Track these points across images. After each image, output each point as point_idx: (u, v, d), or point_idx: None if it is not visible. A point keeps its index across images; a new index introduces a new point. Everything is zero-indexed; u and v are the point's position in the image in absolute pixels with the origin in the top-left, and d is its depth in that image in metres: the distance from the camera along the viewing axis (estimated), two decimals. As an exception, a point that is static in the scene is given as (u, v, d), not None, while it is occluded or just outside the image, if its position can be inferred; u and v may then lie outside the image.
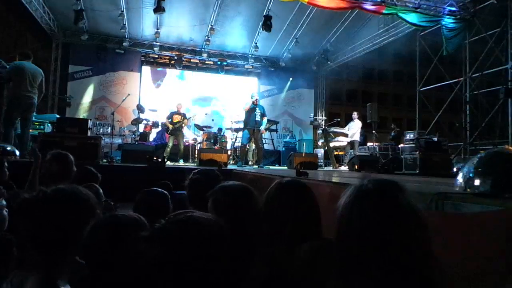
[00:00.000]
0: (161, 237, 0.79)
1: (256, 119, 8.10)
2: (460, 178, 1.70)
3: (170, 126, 9.06)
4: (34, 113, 6.44)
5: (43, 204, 1.22)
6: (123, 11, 10.92)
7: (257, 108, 8.18)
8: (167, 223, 0.84)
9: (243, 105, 8.54)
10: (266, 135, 12.27)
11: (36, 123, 7.25)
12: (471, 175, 1.64)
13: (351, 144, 9.92)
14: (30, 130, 6.81)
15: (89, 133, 5.55)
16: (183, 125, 9.21)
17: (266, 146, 12.23)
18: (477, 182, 1.58)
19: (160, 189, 2.21)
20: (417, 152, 6.88)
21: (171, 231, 0.81)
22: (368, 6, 9.36)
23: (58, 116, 8.52)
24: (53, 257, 1.20)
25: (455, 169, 6.71)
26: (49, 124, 7.52)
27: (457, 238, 1.20)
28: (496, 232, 1.17)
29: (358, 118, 10.21)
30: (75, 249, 1.24)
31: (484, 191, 1.51)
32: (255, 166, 8.62)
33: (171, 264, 0.75)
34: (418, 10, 9.74)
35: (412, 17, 9.81)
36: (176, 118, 9.18)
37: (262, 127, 8.38)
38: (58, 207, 1.23)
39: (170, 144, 9.04)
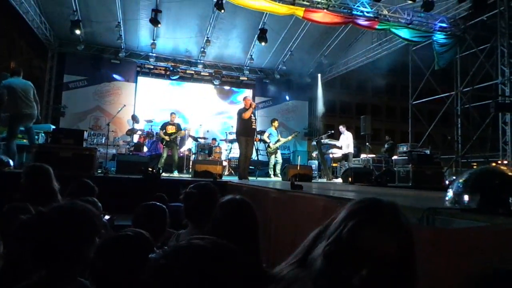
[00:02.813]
0: (170, 266, 0.75)
1: (253, 126, 7.28)
2: (450, 194, 1.76)
3: (166, 138, 9.03)
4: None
5: (40, 226, 1.19)
6: (119, 22, 11.03)
7: (252, 115, 7.30)
8: (173, 251, 0.79)
9: (240, 111, 7.34)
10: (261, 146, 12.31)
11: (30, 133, 7.21)
12: (460, 191, 1.69)
13: (345, 156, 9.98)
14: (24, 140, 6.81)
15: (84, 144, 5.56)
16: (178, 136, 9.21)
17: (260, 158, 12.26)
18: (466, 198, 1.63)
19: (158, 203, 2.24)
20: (410, 165, 6.94)
21: (180, 260, 0.76)
22: (362, 22, 9.55)
23: (53, 126, 8.49)
24: (57, 273, 1.20)
25: (447, 182, 6.79)
26: (43, 134, 7.49)
27: (446, 252, 1.25)
28: (481, 247, 1.22)
29: (347, 130, 10.21)
30: (79, 265, 1.24)
31: (472, 207, 1.57)
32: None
33: None
34: (410, 26, 9.96)
35: (404, 33, 10.01)
36: (170, 128, 9.16)
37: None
38: (56, 228, 1.20)
39: (165, 155, 9.02)
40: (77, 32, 10.67)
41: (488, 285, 0.93)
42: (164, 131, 9.13)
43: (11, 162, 5.16)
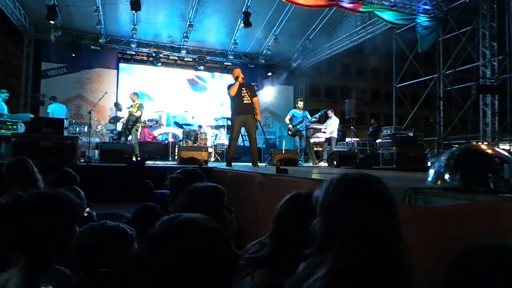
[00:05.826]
0: (162, 244, 0.78)
1: (245, 102, 6.33)
2: (431, 173, 1.78)
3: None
4: (7, 113, 6.25)
5: (19, 210, 1.17)
6: (98, 7, 10.67)
7: (243, 88, 6.41)
8: (162, 229, 0.82)
9: (227, 88, 6.78)
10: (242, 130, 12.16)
11: (8, 123, 6.98)
12: (441, 170, 1.71)
13: (328, 140, 10.07)
14: (3, 130, 6.61)
15: (65, 133, 5.43)
16: (133, 113, 8.96)
17: (246, 143, 12.21)
18: (447, 177, 1.66)
19: (157, 205, 2.17)
20: (394, 148, 7.05)
21: (170, 236, 0.80)
22: (346, 4, 9.49)
23: (31, 115, 8.24)
24: (35, 259, 1.17)
25: (429, 163, 6.92)
26: (22, 124, 7.27)
27: (427, 230, 1.27)
28: (462, 224, 1.24)
29: (335, 115, 10.33)
30: (59, 253, 1.22)
31: (454, 185, 1.59)
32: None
33: (175, 269, 0.75)
34: (394, 8, 9.96)
35: (388, 15, 10.02)
36: (133, 110, 9.05)
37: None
38: (35, 213, 1.17)
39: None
40: (54, 18, 10.27)
41: (465, 261, 0.95)
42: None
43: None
